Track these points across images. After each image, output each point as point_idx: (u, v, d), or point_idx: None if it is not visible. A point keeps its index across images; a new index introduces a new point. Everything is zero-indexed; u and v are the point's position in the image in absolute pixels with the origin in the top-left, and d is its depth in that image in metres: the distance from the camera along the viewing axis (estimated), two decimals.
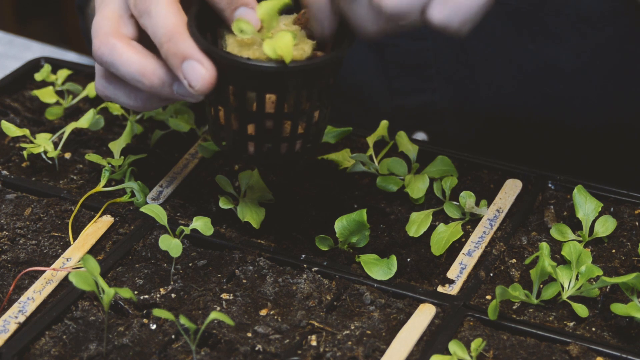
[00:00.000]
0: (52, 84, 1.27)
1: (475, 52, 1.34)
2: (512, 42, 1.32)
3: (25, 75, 1.29)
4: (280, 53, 0.89)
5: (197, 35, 0.92)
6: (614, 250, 1.04)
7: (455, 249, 1.03)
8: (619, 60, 1.31)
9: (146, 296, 0.97)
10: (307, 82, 0.93)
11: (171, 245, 0.97)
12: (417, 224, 1.05)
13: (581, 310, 0.94)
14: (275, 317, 0.95)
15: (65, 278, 0.99)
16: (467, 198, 1.07)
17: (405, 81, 1.38)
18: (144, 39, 0.97)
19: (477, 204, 1.08)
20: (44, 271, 1.00)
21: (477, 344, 0.90)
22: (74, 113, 1.23)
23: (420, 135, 1.41)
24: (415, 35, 1.33)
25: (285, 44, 0.89)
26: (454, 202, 1.08)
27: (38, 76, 1.26)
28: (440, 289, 0.98)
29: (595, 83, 1.33)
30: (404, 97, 1.38)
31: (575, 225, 1.06)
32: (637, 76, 1.32)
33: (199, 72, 0.92)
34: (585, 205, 1.05)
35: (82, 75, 1.30)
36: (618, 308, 0.92)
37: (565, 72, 1.32)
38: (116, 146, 1.13)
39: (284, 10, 0.94)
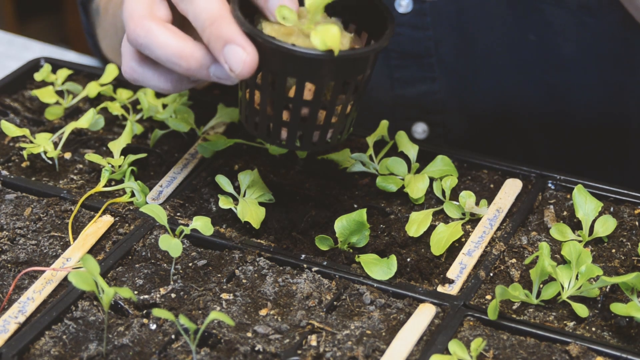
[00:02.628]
0: (52, 84, 1.27)
1: (476, 42, 1.34)
2: (513, 32, 1.32)
3: (25, 75, 1.29)
4: (329, 45, 0.89)
5: (241, 19, 0.92)
6: (614, 250, 1.04)
7: (455, 248, 1.03)
8: (618, 49, 1.31)
9: (146, 296, 0.97)
10: (348, 72, 0.94)
11: (171, 245, 0.97)
12: (417, 223, 1.05)
13: (581, 310, 0.94)
14: (275, 317, 0.95)
15: (65, 278, 0.99)
16: (467, 198, 1.07)
17: (406, 70, 1.38)
18: (176, 23, 0.98)
19: (477, 203, 1.08)
20: (44, 271, 1.00)
21: (477, 343, 0.90)
22: (74, 113, 1.23)
23: (421, 126, 1.41)
24: (417, 24, 1.34)
25: (334, 35, 0.89)
26: (454, 202, 1.08)
27: (38, 76, 1.26)
28: (440, 288, 0.98)
29: (595, 72, 1.33)
30: (404, 87, 1.39)
31: (575, 225, 1.06)
32: (636, 64, 1.32)
33: (241, 56, 0.91)
34: (585, 205, 1.05)
35: (82, 75, 1.30)
36: (618, 308, 0.92)
37: (566, 61, 1.33)
38: (116, 146, 1.13)
39: None
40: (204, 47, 0.94)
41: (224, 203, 1.04)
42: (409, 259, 1.02)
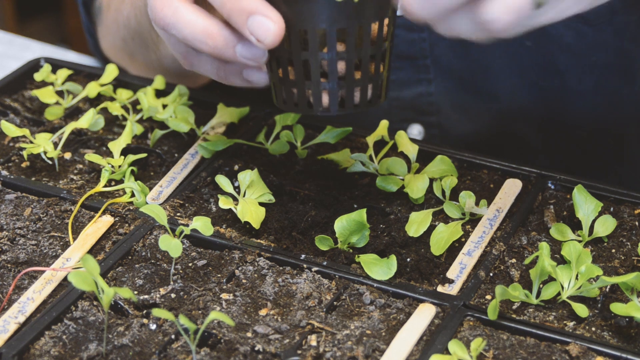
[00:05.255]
0: (52, 84, 1.27)
1: (472, 44, 1.34)
2: (510, 38, 1.32)
3: (25, 75, 1.29)
4: None
5: None
6: (613, 250, 1.04)
7: (455, 249, 1.03)
8: (613, 58, 1.31)
9: (146, 296, 0.97)
10: (376, 10, 0.93)
11: (171, 245, 0.97)
12: (417, 223, 1.05)
13: (581, 310, 0.94)
14: (275, 317, 0.95)
15: (65, 278, 0.99)
16: (467, 198, 1.07)
17: (401, 72, 1.38)
18: (199, 4, 0.98)
19: (477, 203, 1.08)
20: (44, 271, 1.00)
21: (477, 343, 0.90)
22: (73, 113, 1.23)
23: (417, 128, 1.41)
24: (412, 25, 1.34)
25: None
26: (454, 202, 1.08)
27: (38, 76, 1.26)
28: (440, 288, 0.98)
29: (590, 79, 1.33)
30: (400, 89, 1.39)
31: (575, 225, 1.06)
32: (631, 73, 1.32)
33: (267, 25, 0.91)
34: (585, 205, 1.05)
35: (82, 75, 1.30)
36: (618, 308, 0.92)
37: (561, 68, 1.33)
38: (116, 146, 1.13)
39: None
40: (231, 26, 0.94)
41: (224, 203, 1.04)
42: (409, 259, 1.02)
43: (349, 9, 0.92)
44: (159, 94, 1.25)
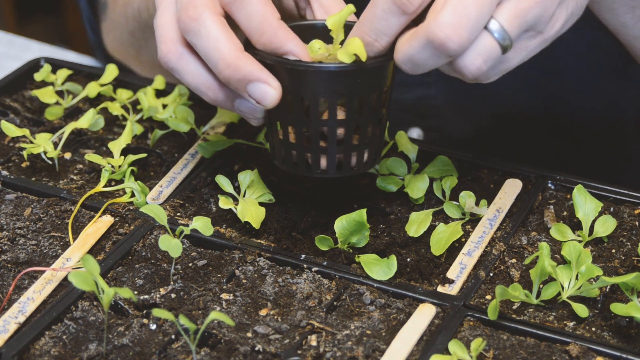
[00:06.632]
0: (52, 84, 1.27)
1: None
2: None
3: (25, 75, 1.29)
4: (356, 52, 0.91)
5: (262, 52, 0.94)
6: (614, 250, 1.04)
7: (455, 249, 1.03)
8: (614, 60, 1.31)
9: (146, 296, 0.97)
10: (377, 82, 0.96)
11: (171, 245, 0.97)
12: (417, 224, 1.05)
13: (581, 310, 0.94)
14: (275, 317, 0.95)
15: (65, 278, 0.99)
16: (467, 198, 1.07)
17: (402, 75, 1.38)
18: None
19: (477, 203, 1.08)
20: (44, 271, 1.00)
21: (477, 343, 0.90)
22: (73, 113, 1.23)
23: (416, 132, 1.41)
24: None
25: (358, 45, 0.91)
26: (454, 202, 1.08)
27: (38, 76, 1.26)
28: (440, 288, 0.98)
29: (591, 80, 1.33)
30: (400, 92, 1.38)
31: (575, 225, 1.06)
32: (632, 75, 1.32)
33: (266, 91, 0.93)
34: (585, 205, 1.05)
35: (82, 75, 1.30)
36: (618, 308, 0.92)
37: (562, 69, 1.33)
38: (116, 146, 1.13)
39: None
40: None
41: (224, 203, 1.04)
42: (409, 259, 1.02)
43: (350, 81, 0.94)
44: (159, 94, 1.25)
